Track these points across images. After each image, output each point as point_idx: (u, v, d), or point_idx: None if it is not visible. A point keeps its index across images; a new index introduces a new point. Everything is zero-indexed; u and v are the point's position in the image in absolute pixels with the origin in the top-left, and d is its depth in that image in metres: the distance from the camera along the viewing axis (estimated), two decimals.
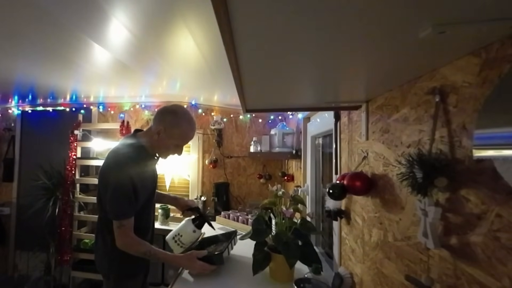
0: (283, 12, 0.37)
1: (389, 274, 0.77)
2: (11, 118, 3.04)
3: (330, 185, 0.99)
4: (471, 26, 0.38)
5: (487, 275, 0.44)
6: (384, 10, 0.36)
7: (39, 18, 1.11)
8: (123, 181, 1.09)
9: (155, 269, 2.19)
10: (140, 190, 1.14)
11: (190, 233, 1.34)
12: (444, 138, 0.54)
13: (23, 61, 1.64)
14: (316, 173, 1.80)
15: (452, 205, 0.52)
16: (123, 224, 1.10)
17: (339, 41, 0.47)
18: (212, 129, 2.69)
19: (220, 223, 2.23)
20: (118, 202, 1.10)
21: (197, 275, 1.25)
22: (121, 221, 1.10)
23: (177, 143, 1.20)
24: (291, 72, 0.65)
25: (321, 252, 1.67)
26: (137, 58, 1.56)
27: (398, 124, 0.73)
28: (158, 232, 2.15)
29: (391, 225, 0.76)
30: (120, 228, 1.10)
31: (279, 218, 1.29)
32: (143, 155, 1.20)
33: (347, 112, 1.13)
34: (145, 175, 1.21)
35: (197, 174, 2.76)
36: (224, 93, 2.27)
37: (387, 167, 0.79)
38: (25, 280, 2.82)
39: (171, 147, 1.20)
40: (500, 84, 0.42)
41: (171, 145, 1.20)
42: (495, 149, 0.41)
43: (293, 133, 2.21)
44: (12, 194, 2.98)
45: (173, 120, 1.16)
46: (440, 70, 0.56)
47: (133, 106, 2.86)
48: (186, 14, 1.03)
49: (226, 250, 1.34)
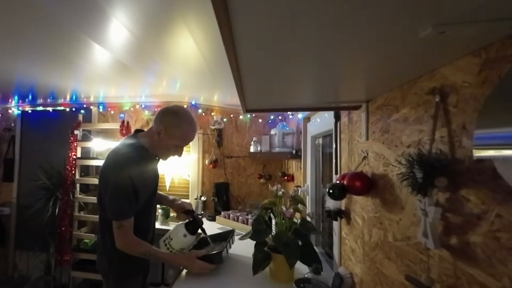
0: (283, 12, 0.37)
1: (389, 274, 0.77)
2: (11, 118, 3.04)
3: (330, 185, 0.99)
4: (471, 26, 0.38)
5: (487, 275, 0.44)
6: (384, 10, 0.36)
7: (39, 18, 1.11)
8: (123, 181, 1.08)
9: (155, 269, 2.19)
10: (140, 190, 1.13)
11: (180, 237, 1.28)
12: (444, 138, 0.54)
13: (23, 61, 1.64)
14: (316, 173, 1.80)
15: (452, 205, 0.52)
16: (123, 224, 1.10)
17: (339, 41, 0.47)
18: (212, 129, 2.69)
19: (220, 223, 2.23)
20: (118, 202, 1.09)
21: (197, 274, 1.25)
22: (121, 221, 1.10)
23: (177, 144, 1.20)
24: (291, 72, 0.65)
25: (321, 252, 1.67)
26: (137, 58, 1.56)
27: (398, 124, 0.73)
28: (158, 232, 2.14)
29: (391, 225, 0.76)
30: (120, 228, 1.10)
31: (279, 218, 1.29)
32: (143, 155, 1.20)
33: (347, 112, 1.13)
34: (146, 175, 1.20)
35: (197, 174, 2.76)
36: (224, 93, 2.27)
37: (387, 167, 0.79)
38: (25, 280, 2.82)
39: (171, 147, 1.20)
40: (500, 84, 0.42)
41: (171, 146, 1.20)
42: (495, 149, 0.41)
43: (293, 133, 2.21)
44: (12, 194, 2.98)
45: (174, 120, 1.17)
46: (440, 70, 0.56)
47: (133, 106, 2.86)
48: (186, 14, 1.03)
49: (224, 249, 1.33)
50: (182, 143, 1.22)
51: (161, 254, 1.21)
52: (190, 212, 1.39)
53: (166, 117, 1.18)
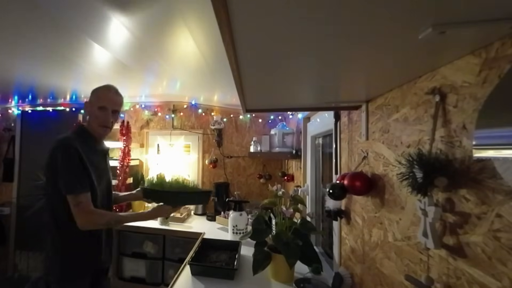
0: (283, 12, 0.37)
1: (389, 274, 0.77)
2: (11, 118, 3.04)
3: (330, 185, 0.99)
4: (471, 26, 0.38)
5: (487, 275, 0.44)
6: (384, 10, 0.36)
7: (40, 18, 1.11)
8: (69, 151, 1.09)
9: (155, 269, 2.19)
10: (89, 167, 1.13)
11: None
12: (444, 138, 0.54)
13: (23, 61, 1.65)
14: (316, 173, 1.80)
15: (452, 205, 0.52)
16: (81, 200, 1.07)
17: (340, 41, 0.47)
18: (212, 129, 2.69)
19: (220, 223, 2.23)
20: (70, 172, 1.08)
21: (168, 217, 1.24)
22: (78, 196, 1.07)
23: (99, 105, 1.20)
24: (291, 72, 0.65)
25: (321, 252, 1.67)
26: (137, 58, 1.56)
27: (398, 124, 0.73)
28: (158, 232, 2.16)
29: (391, 225, 0.76)
30: (79, 205, 1.07)
31: (279, 218, 1.29)
32: (82, 134, 1.22)
33: (347, 112, 1.13)
34: (92, 156, 1.18)
35: (197, 174, 2.76)
36: (224, 93, 2.27)
37: (387, 167, 0.79)
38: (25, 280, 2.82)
39: (97, 113, 1.20)
40: (500, 84, 0.42)
41: (95, 111, 1.20)
42: (495, 149, 0.41)
43: (293, 133, 2.21)
44: (12, 194, 2.97)
45: (93, 90, 1.25)
46: (440, 70, 0.56)
47: (133, 106, 2.86)
48: (186, 14, 1.03)
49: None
50: (101, 102, 1.21)
51: (128, 216, 1.24)
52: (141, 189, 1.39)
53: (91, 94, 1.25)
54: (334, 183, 0.99)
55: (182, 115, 2.80)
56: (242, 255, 1.48)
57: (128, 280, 2.24)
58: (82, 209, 1.07)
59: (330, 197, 0.99)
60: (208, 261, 1.40)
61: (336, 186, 0.96)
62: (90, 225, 1.10)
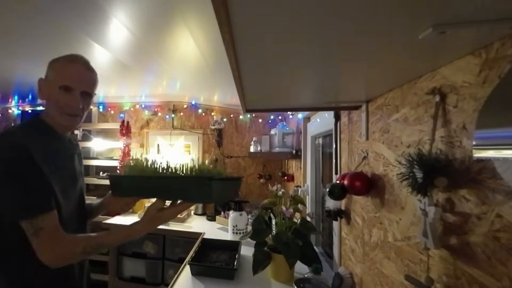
0: (283, 12, 0.37)
1: (389, 274, 0.77)
2: (11, 118, 3.04)
3: (330, 185, 0.99)
4: (471, 26, 0.38)
5: (487, 275, 0.44)
6: (384, 10, 0.36)
7: (40, 18, 1.11)
8: (12, 158, 0.70)
9: (155, 269, 2.19)
10: (46, 167, 0.75)
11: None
12: (444, 138, 0.54)
13: (23, 61, 1.64)
14: (316, 173, 1.80)
15: (452, 205, 0.52)
16: (41, 226, 0.70)
17: (340, 41, 0.47)
18: (212, 129, 2.69)
19: (220, 223, 2.23)
20: (17, 189, 0.70)
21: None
22: (35, 220, 0.70)
23: (60, 84, 0.81)
24: (291, 72, 0.65)
25: (321, 252, 1.67)
26: (137, 58, 1.56)
27: (398, 124, 0.73)
28: (158, 232, 2.15)
29: (391, 225, 0.76)
30: (39, 232, 0.70)
31: (279, 218, 1.29)
32: (38, 127, 0.83)
33: (347, 112, 1.13)
34: (50, 153, 0.80)
35: None
36: (224, 93, 2.27)
37: (387, 167, 0.79)
38: None
39: (56, 93, 0.81)
40: (500, 84, 0.42)
41: (55, 93, 0.81)
42: (495, 149, 0.41)
43: (293, 133, 2.21)
44: None
45: (48, 64, 0.87)
46: (440, 70, 0.56)
47: (133, 106, 2.86)
48: (186, 14, 1.03)
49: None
50: (64, 80, 0.82)
51: (110, 236, 0.82)
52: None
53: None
54: (334, 183, 0.99)
55: (182, 115, 2.80)
56: (242, 255, 1.48)
57: (128, 280, 2.24)
58: (46, 238, 0.71)
59: (330, 197, 0.99)
60: (208, 261, 1.40)
61: (336, 186, 0.96)
62: (61, 259, 0.74)
